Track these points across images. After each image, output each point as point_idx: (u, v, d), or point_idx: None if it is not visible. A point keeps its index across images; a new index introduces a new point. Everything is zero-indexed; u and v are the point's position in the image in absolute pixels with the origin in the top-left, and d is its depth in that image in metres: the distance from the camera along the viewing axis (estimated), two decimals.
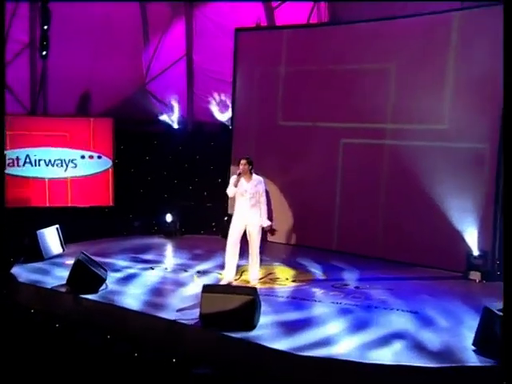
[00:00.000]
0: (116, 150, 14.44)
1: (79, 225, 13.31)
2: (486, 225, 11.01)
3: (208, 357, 7.94)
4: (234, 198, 10.24)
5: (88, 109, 14.86)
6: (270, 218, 10.47)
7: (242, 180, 9.99)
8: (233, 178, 9.95)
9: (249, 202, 10.00)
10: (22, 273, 10.78)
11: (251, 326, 8.00)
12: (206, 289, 8.34)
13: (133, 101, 14.73)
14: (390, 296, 9.84)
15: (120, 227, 14.05)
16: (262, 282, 10.49)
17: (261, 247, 10.37)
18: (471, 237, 11.10)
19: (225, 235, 10.51)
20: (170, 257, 12.46)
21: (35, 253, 11.32)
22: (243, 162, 9.99)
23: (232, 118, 14.15)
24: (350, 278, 10.97)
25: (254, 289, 8.49)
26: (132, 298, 9.46)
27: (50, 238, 11.73)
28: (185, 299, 9.31)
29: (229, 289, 8.75)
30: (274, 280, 10.69)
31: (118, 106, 14.63)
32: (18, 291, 10.40)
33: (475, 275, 10.86)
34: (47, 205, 13.91)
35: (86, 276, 9.58)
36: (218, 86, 14.77)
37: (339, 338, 7.83)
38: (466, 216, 11.13)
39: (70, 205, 14.01)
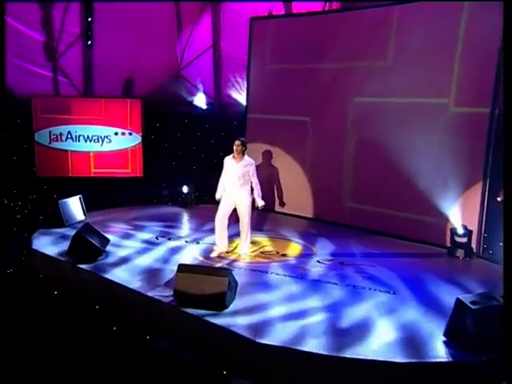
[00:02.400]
0: (152, 127, 12.58)
1: (114, 193, 11.69)
2: (473, 201, 8.44)
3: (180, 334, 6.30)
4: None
5: (130, 92, 12.93)
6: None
7: (233, 161, 8.14)
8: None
9: (237, 181, 8.08)
10: (40, 239, 9.02)
11: (223, 306, 6.27)
12: (181, 268, 6.55)
13: (168, 85, 12.79)
14: (370, 273, 7.59)
15: (152, 196, 12.23)
16: (253, 255, 8.40)
17: (252, 223, 8.47)
18: (455, 213, 8.60)
19: None
20: (177, 226, 10.26)
21: (57, 220, 9.57)
22: (237, 142, 8.12)
23: (247, 98, 11.84)
24: (338, 252, 8.65)
25: (228, 270, 6.61)
26: (123, 269, 7.62)
27: (73, 206, 9.96)
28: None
29: (203, 269, 6.76)
30: (264, 254, 8.53)
31: (156, 90, 12.72)
32: (31, 257, 8.71)
33: (459, 252, 8.39)
34: (84, 175, 12.19)
35: (84, 247, 7.84)
36: (242, 72, 12.46)
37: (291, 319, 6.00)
38: (451, 191, 8.58)
39: (105, 175, 12.18)
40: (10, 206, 11.07)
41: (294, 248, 8.90)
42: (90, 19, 12.14)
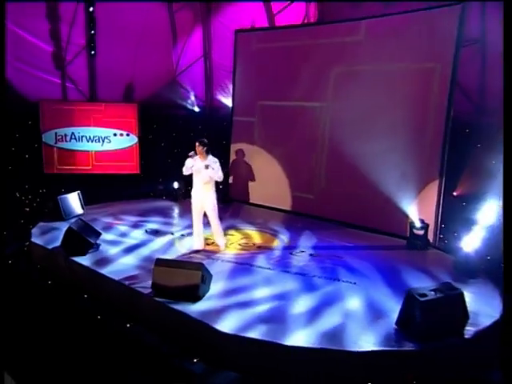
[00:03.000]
0: (150, 128, 12.68)
1: (113, 188, 11.73)
2: (430, 197, 8.47)
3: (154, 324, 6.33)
4: None
5: (131, 97, 13.03)
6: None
7: (198, 159, 8.01)
8: (188, 160, 8.05)
9: (201, 179, 8.00)
10: (39, 232, 9.05)
11: (196, 297, 6.31)
12: (158, 262, 6.61)
13: (165, 90, 12.91)
14: (337, 263, 7.62)
15: (149, 190, 12.38)
16: (232, 247, 8.47)
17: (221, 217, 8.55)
18: (414, 208, 8.66)
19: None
20: (166, 221, 10.19)
21: (57, 214, 9.68)
22: (196, 144, 8.03)
23: (233, 102, 11.93)
24: (310, 244, 8.65)
25: (201, 264, 6.59)
26: (111, 262, 7.63)
27: (72, 201, 10.10)
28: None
29: (178, 263, 6.81)
30: (241, 245, 8.62)
31: (153, 95, 12.79)
32: (31, 248, 8.76)
33: (417, 244, 8.42)
34: (86, 172, 12.24)
35: (75, 240, 7.87)
36: (230, 78, 12.41)
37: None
38: (410, 189, 8.63)
39: (105, 172, 12.24)
40: (21, 199, 11.21)
41: (269, 239, 8.91)
42: (93, 32, 12.25)
